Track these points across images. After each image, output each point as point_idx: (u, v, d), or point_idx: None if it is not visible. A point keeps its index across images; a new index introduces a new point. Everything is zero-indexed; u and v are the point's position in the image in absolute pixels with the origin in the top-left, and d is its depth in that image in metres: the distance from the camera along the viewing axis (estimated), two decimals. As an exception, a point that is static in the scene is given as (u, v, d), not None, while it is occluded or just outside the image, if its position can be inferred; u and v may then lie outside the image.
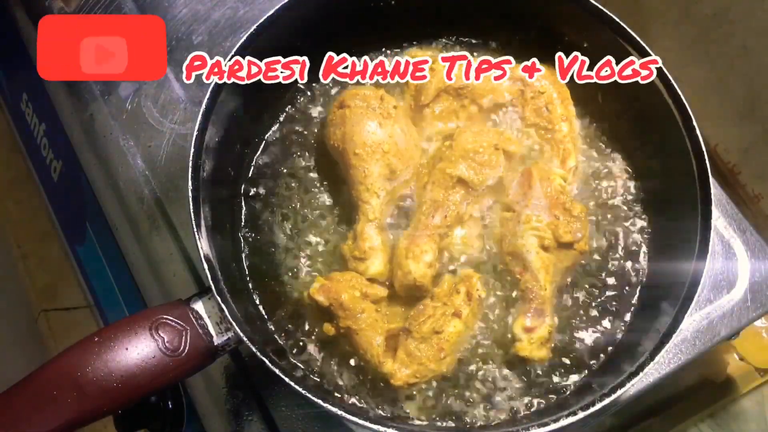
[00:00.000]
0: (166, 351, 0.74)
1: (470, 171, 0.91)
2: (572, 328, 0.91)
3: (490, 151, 0.92)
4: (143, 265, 1.01)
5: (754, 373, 1.14)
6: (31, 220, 1.51)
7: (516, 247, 0.89)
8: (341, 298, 0.84)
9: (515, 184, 0.93)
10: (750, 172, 1.18)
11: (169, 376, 0.74)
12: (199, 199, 0.83)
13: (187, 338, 0.76)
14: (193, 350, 0.76)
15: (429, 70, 0.98)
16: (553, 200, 0.90)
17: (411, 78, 0.96)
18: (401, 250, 0.88)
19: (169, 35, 1.14)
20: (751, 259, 0.98)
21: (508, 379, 0.88)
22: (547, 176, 0.92)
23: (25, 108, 1.34)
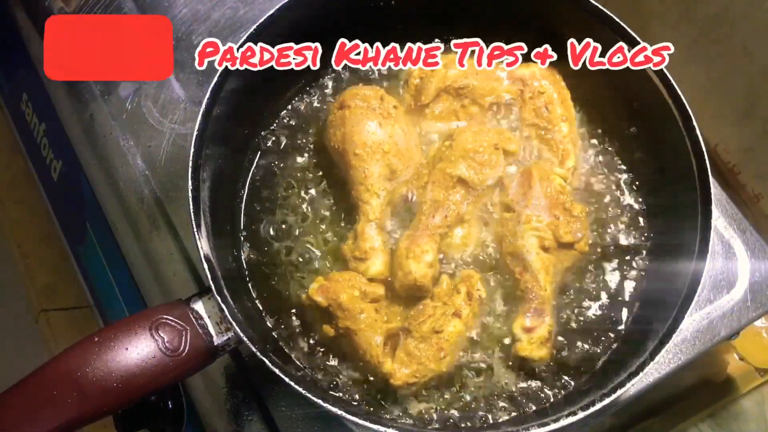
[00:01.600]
0: (166, 351, 0.74)
1: (470, 171, 0.91)
2: (572, 328, 0.91)
3: (490, 151, 0.92)
4: (143, 265, 1.01)
5: (754, 373, 1.14)
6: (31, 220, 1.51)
7: (516, 248, 0.89)
8: (340, 299, 0.84)
9: (515, 184, 0.93)
10: (750, 172, 1.18)
11: (169, 376, 0.74)
12: (199, 199, 0.83)
13: (187, 338, 0.76)
14: (193, 350, 0.76)
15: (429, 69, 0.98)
16: (553, 200, 0.90)
17: (423, 64, 0.95)
18: (402, 250, 0.88)
19: (169, 35, 1.14)
20: (751, 259, 0.98)
21: (508, 379, 0.88)
22: (546, 176, 0.92)
23: (25, 108, 1.33)
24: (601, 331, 0.91)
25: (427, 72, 0.98)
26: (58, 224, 1.34)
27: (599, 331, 0.91)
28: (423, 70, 0.99)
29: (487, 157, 0.92)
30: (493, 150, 0.93)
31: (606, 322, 0.92)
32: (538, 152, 0.98)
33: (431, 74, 0.98)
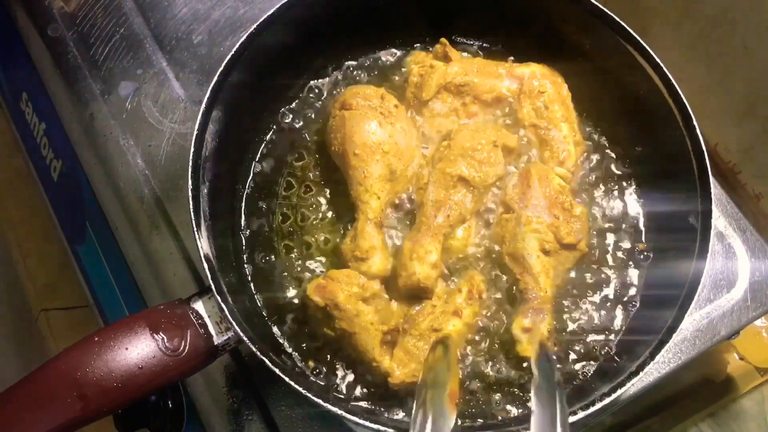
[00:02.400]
0: (166, 351, 0.74)
1: (470, 169, 0.91)
2: (572, 329, 0.91)
3: (489, 148, 0.92)
4: (143, 264, 1.01)
5: (755, 373, 1.14)
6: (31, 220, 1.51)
7: (516, 249, 0.89)
8: (337, 298, 0.83)
9: (513, 184, 0.93)
10: (750, 171, 1.18)
11: (169, 376, 0.74)
12: (199, 198, 0.83)
13: (187, 338, 0.76)
14: (193, 350, 0.76)
15: (429, 66, 0.98)
16: (552, 200, 0.90)
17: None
18: (405, 251, 0.88)
19: (169, 35, 1.14)
20: (751, 259, 0.98)
21: (508, 378, 0.88)
22: (546, 176, 0.92)
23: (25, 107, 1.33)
24: (601, 330, 0.91)
25: (427, 69, 0.98)
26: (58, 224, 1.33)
27: (599, 330, 0.91)
28: (423, 67, 0.99)
29: (486, 154, 0.92)
30: (492, 147, 0.92)
31: (606, 322, 0.92)
32: (538, 152, 0.98)
33: (431, 71, 0.98)
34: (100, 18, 1.16)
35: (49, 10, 1.18)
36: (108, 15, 1.16)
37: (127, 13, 1.16)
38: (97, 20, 1.16)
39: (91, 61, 1.13)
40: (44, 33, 1.16)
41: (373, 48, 1.07)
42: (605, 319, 0.92)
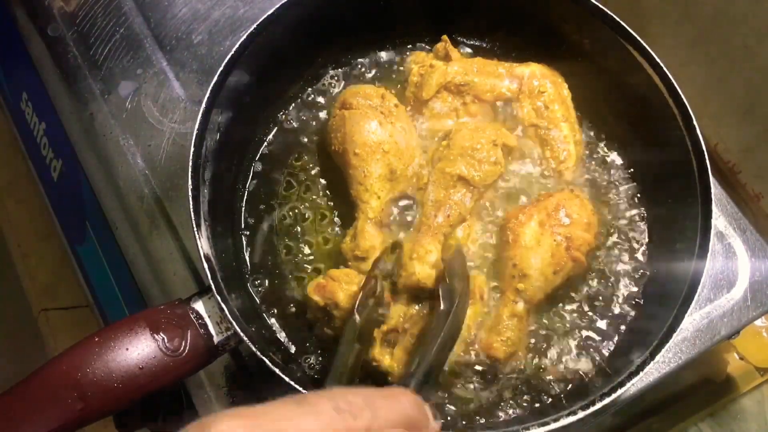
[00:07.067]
0: (167, 351, 0.74)
1: (470, 168, 0.91)
2: (572, 329, 0.91)
3: (488, 147, 0.92)
4: (143, 264, 1.01)
5: (755, 373, 1.14)
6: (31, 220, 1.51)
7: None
8: (337, 298, 0.83)
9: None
10: (750, 171, 1.18)
11: (169, 376, 0.74)
12: (199, 198, 0.83)
13: (187, 338, 0.76)
14: (193, 350, 0.76)
15: (429, 66, 0.98)
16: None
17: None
18: (406, 251, 0.88)
19: (169, 34, 1.14)
20: (751, 259, 0.98)
21: (508, 378, 0.88)
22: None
23: (25, 107, 1.33)
24: (601, 330, 0.91)
25: (427, 69, 0.98)
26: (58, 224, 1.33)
27: (599, 330, 0.91)
28: (423, 67, 0.99)
29: (485, 153, 0.92)
30: (492, 146, 0.92)
31: (605, 322, 0.92)
32: (538, 152, 0.98)
33: (432, 70, 0.98)
34: (100, 18, 1.16)
35: (49, 10, 1.18)
36: (108, 15, 1.16)
37: (127, 13, 1.16)
38: (97, 20, 1.16)
39: (91, 61, 1.13)
40: (44, 33, 1.16)
41: (373, 48, 1.07)
42: (605, 320, 0.92)
